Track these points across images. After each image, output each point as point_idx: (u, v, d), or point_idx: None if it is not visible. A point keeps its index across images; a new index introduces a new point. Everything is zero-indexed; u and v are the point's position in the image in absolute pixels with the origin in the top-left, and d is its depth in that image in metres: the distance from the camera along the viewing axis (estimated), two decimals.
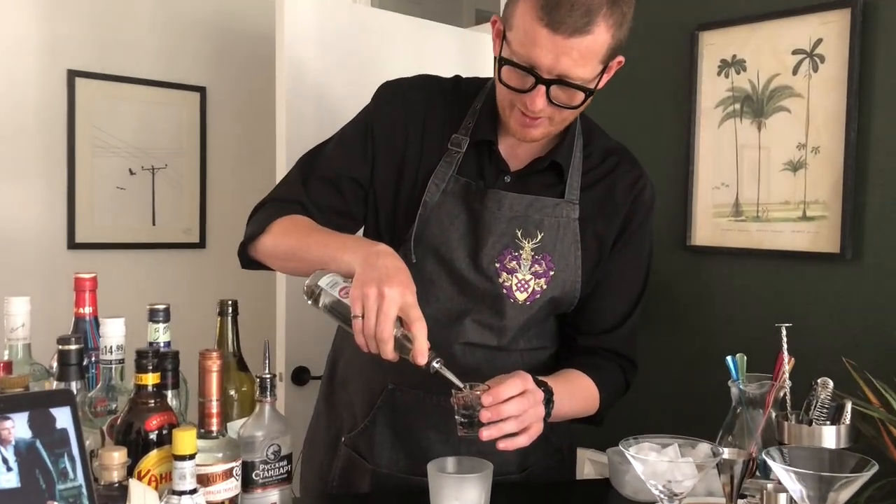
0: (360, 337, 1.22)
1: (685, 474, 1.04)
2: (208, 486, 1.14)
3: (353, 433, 1.54)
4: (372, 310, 1.19)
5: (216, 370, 1.17)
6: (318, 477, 1.60)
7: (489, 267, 1.43)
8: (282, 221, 1.42)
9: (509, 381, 1.21)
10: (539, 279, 1.44)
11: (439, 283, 1.44)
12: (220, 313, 1.33)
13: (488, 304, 1.44)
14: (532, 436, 1.22)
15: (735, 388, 1.32)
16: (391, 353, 1.20)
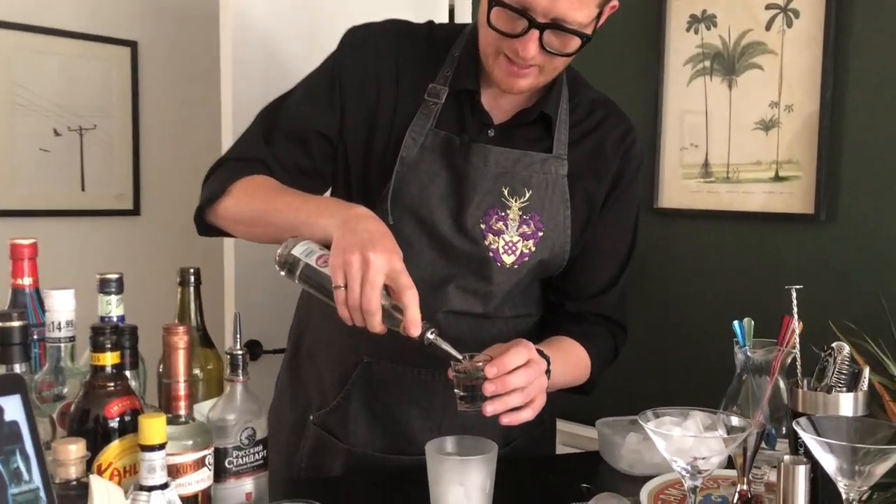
0: (343, 309, 1.10)
1: (712, 450, 0.96)
2: (178, 478, 1.01)
3: (323, 411, 1.42)
4: (356, 279, 1.07)
5: (184, 347, 1.03)
6: (284, 460, 1.48)
7: (474, 228, 1.32)
8: (243, 182, 1.29)
9: (513, 350, 1.11)
10: (527, 241, 1.34)
11: (419, 248, 1.33)
12: (182, 283, 1.18)
13: (473, 269, 1.34)
14: (536, 409, 1.13)
15: (741, 354, 1.25)
16: (379, 326, 1.08)
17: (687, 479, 0.99)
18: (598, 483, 1.31)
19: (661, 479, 1.30)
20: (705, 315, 2.13)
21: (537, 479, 1.37)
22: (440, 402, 1.37)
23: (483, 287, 1.34)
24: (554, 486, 1.34)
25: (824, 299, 1.88)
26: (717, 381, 1.27)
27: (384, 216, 1.30)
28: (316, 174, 1.37)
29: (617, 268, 1.44)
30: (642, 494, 1.23)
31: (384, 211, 1.31)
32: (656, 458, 1.34)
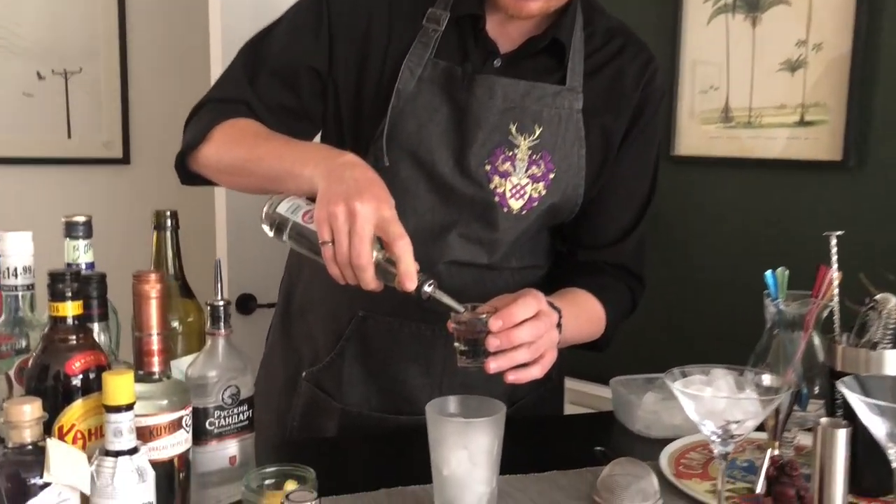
0: (332, 266, 0.99)
1: (747, 412, 0.86)
2: (152, 442, 0.91)
3: (316, 368, 1.32)
4: (343, 231, 0.96)
5: (156, 296, 0.92)
6: (276, 420, 1.38)
7: (478, 170, 1.20)
8: (225, 127, 1.18)
9: (521, 300, 1.00)
10: (537, 183, 1.22)
11: (417, 192, 1.21)
12: (157, 227, 1.08)
13: (477, 215, 1.22)
14: (546, 366, 1.03)
15: (773, 307, 1.14)
16: (373, 282, 0.98)
17: (717, 444, 0.89)
18: (613, 446, 1.21)
19: (682, 442, 1.20)
20: (724, 268, 2.01)
21: (548, 442, 1.27)
22: (440, 359, 1.27)
23: (488, 235, 1.23)
24: (566, 449, 1.24)
25: (852, 251, 1.77)
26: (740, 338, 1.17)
27: (378, 157, 1.19)
28: (304, 116, 1.26)
29: (635, 213, 1.32)
30: (662, 459, 1.13)
31: (379, 150, 1.19)
32: (675, 419, 1.25)
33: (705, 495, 1.04)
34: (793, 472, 0.98)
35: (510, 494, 1.05)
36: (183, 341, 1.09)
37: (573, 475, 1.11)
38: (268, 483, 1.01)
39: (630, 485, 1.01)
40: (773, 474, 0.99)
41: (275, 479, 1.01)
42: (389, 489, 1.05)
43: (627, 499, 1.00)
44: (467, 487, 0.92)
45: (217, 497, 1.01)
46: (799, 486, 0.98)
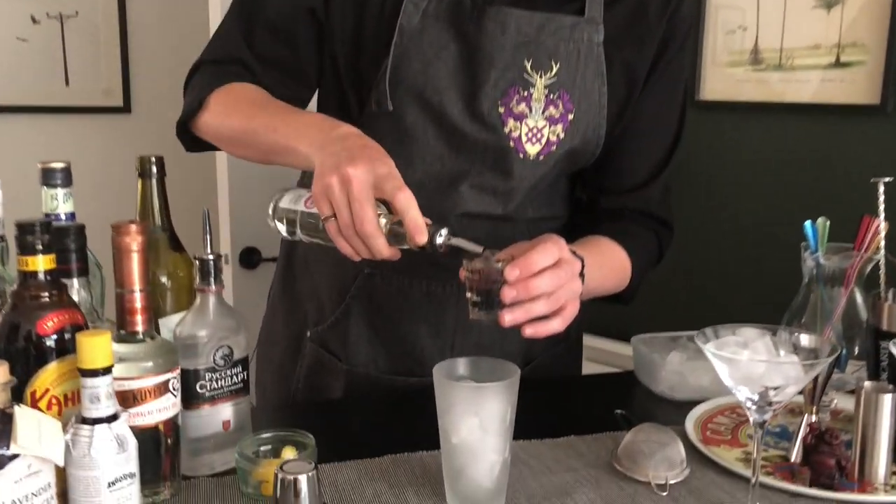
0: (341, 241, 0.91)
1: (788, 377, 0.77)
2: (136, 407, 0.84)
3: (321, 327, 1.24)
4: (341, 201, 0.88)
5: (137, 249, 0.84)
6: (279, 381, 1.31)
7: (491, 112, 1.10)
8: (219, 95, 1.11)
9: (540, 247, 0.91)
10: (555, 125, 1.12)
11: (424, 139, 1.12)
12: (142, 174, 0.99)
13: (490, 163, 1.13)
14: (567, 318, 0.94)
15: (812, 260, 1.05)
16: (386, 248, 0.90)
17: (753, 412, 0.81)
18: (634, 408, 1.14)
19: (709, 405, 1.12)
20: (752, 220, 1.92)
21: (564, 404, 1.20)
22: (452, 318, 1.19)
23: (502, 184, 1.14)
24: (584, 412, 1.16)
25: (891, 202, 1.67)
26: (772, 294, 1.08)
27: (381, 102, 1.09)
28: (301, 73, 1.17)
29: (662, 155, 1.22)
30: (688, 424, 1.06)
31: (381, 94, 1.09)
32: (702, 380, 1.17)
33: (735, 464, 0.96)
34: (833, 441, 0.90)
35: (524, 462, 0.98)
36: (172, 297, 1.01)
37: (592, 441, 1.04)
38: (264, 449, 0.94)
39: (654, 452, 0.94)
40: (810, 443, 0.91)
41: (271, 445, 0.94)
42: (395, 455, 0.98)
43: (651, 467, 0.93)
44: (478, 456, 0.84)
45: (210, 464, 0.94)
46: (839, 455, 0.90)
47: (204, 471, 0.94)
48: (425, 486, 0.91)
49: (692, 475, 0.94)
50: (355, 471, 0.95)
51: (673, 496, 0.90)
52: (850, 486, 0.90)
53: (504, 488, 0.88)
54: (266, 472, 0.87)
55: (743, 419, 1.08)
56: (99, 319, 0.92)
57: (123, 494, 0.76)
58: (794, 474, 0.93)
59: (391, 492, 0.90)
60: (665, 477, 0.92)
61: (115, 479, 0.75)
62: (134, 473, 0.77)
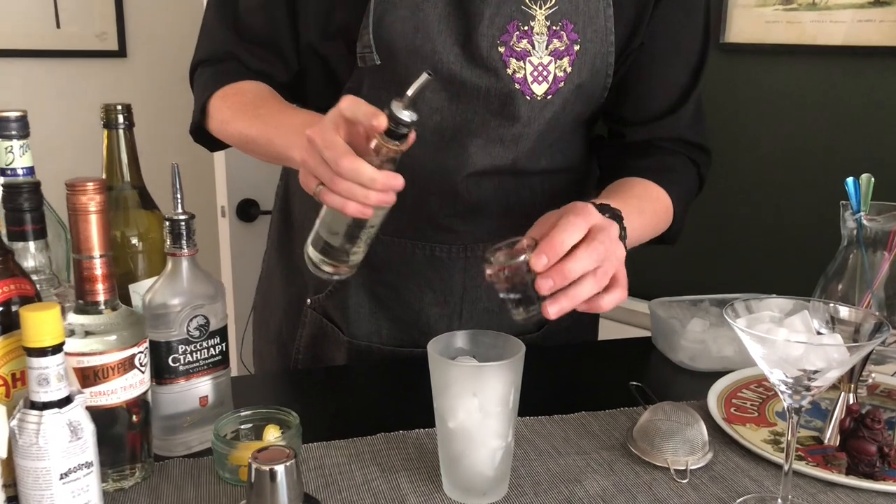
0: (337, 199, 0.79)
1: (831, 361, 0.68)
2: (97, 385, 0.76)
3: (322, 295, 1.15)
4: (316, 160, 0.78)
5: (96, 210, 0.75)
6: (278, 349, 1.23)
7: (491, 53, 0.99)
8: (216, 101, 1.07)
9: (563, 222, 0.80)
10: (560, 60, 1.00)
11: None
12: (107, 125, 0.89)
13: (495, 109, 1.02)
14: (623, 287, 0.83)
15: (852, 221, 0.94)
16: (375, 172, 0.77)
17: (787, 396, 0.72)
18: (651, 380, 1.05)
19: (733, 378, 1.03)
20: (782, 175, 1.80)
21: (576, 375, 1.11)
22: (459, 284, 1.10)
23: (509, 130, 1.03)
24: (596, 383, 1.08)
25: None
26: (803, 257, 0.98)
27: (366, 57, 0.98)
28: (286, 56, 1.09)
29: (688, 73, 1.09)
30: (710, 399, 0.97)
31: (366, 48, 0.98)
32: (725, 350, 1.08)
33: (762, 446, 0.87)
34: (875, 425, 0.80)
35: (530, 441, 0.89)
36: (144, 261, 0.93)
37: (605, 417, 0.95)
38: (245, 428, 0.86)
39: (674, 434, 0.85)
40: (849, 426, 0.82)
41: (253, 423, 0.86)
42: (389, 434, 0.90)
43: (670, 451, 0.84)
44: (477, 442, 0.76)
45: (187, 443, 0.87)
46: (882, 441, 0.80)
47: (179, 450, 0.86)
48: (420, 470, 0.83)
49: (715, 459, 0.86)
50: (345, 452, 0.86)
51: (693, 484, 0.81)
52: (893, 475, 0.81)
53: (507, 475, 0.79)
54: (244, 455, 0.79)
55: (771, 394, 0.99)
56: (59, 286, 0.83)
57: (79, 486, 0.68)
58: (829, 460, 0.84)
59: (382, 477, 0.82)
60: (685, 462, 0.83)
61: (69, 469, 0.67)
62: (91, 463, 0.69)
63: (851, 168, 1.02)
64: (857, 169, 0.99)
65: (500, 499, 0.78)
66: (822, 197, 1.02)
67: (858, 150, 1.67)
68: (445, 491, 0.79)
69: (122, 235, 0.92)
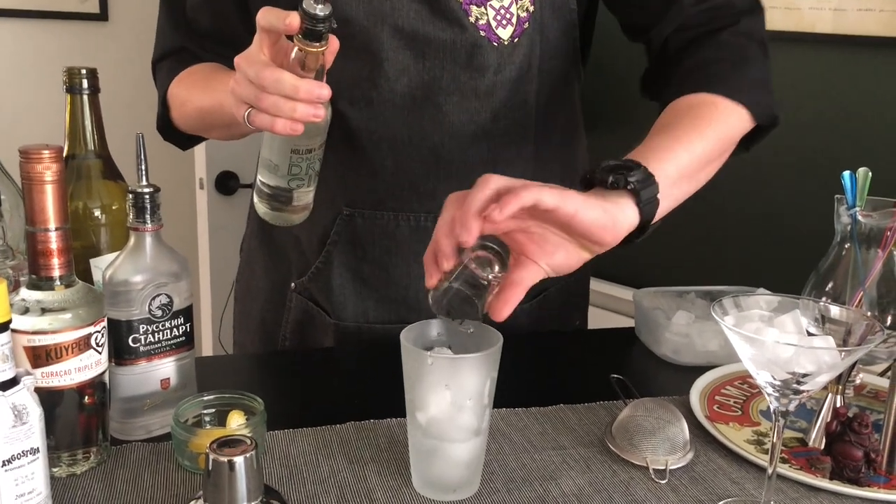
0: (266, 119, 0.75)
1: (821, 364, 0.64)
2: (50, 366, 0.72)
3: (305, 277, 1.11)
4: (242, 81, 0.77)
5: (52, 180, 0.70)
6: (261, 336, 1.19)
7: (450, 4, 0.95)
8: (173, 88, 1.06)
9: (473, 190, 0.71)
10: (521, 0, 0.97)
11: (384, 53, 0.96)
12: (70, 89, 0.85)
13: (463, 62, 0.97)
14: None
15: (847, 216, 0.91)
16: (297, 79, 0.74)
17: (773, 400, 0.68)
18: (633, 373, 1.01)
19: (717, 374, 1.00)
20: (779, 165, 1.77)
21: (556, 363, 1.08)
22: None
23: (481, 82, 0.98)
24: (576, 374, 1.05)
25: None
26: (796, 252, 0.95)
27: None
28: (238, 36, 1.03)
29: None
30: (693, 396, 0.94)
31: None
32: (710, 344, 1.05)
33: (745, 446, 0.84)
34: (862, 430, 0.77)
35: (505, 435, 0.86)
36: (107, 234, 0.88)
37: (583, 411, 0.92)
38: (208, 413, 0.82)
39: (654, 432, 0.82)
40: (835, 430, 0.79)
41: (216, 409, 0.82)
42: (359, 423, 0.87)
43: (650, 449, 0.81)
44: (449, 436, 0.72)
45: (147, 427, 0.83)
46: (868, 446, 0.78)
47: (139, 434, 0.82)
48: (390, 462, 0.80)
49: (696, 459, 0.83)
50: (312, 441, 0.83)
51: (673, 485, 0.78)
52: (878, 481, 0.79)
53: (479, 472, 0.76)
54: (205, 442, 0.74)
55: (755, 391, 0.96)
56: (15, 259, 0.79)
57: (23, 474, 0.64)
58: (813, 464, 0.81)
59: (349, 469, 0.78)
60: (665, 462, 0.80)
61: (12, 456, 0.63)
62: (37, 449, 0.65)
63: (848, 161, 0.98)
64: (854, 162, 0.96)
65: (471, 495, 0.75)
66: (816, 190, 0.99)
67: (856, 143, 1.64)
68: (415, 486, 0.76)
69: (83, 207, 0.87)
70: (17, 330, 0.70)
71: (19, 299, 0.72)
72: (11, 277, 0.81)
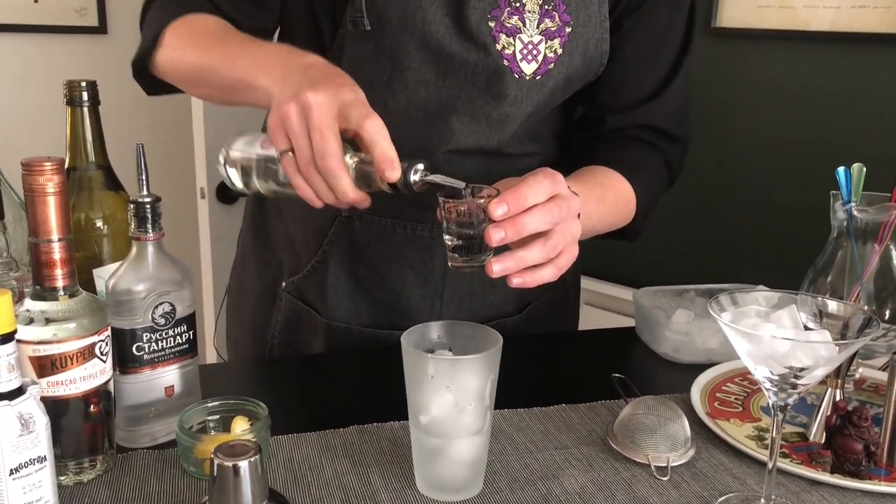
0: (300, 181, 0.78)
1: (818, 358, 0.65)
2: (55, 375, 0.72)
3: (298, 277, 1.12)
4: (300, 132, 0.75)
5: (54, 191, 0.71)
6: (252, 335, 1.20)
7: (480, 28, 0.96)
8: (175, 28, 0.98)
9: (530, 179, 0.77)
10: (551, 40, 0.98)
11: (407, 64, 0.98)
12: (70, 102, 0.86)
13: (483, 86, 0.99)
14: (562, 266, 0.79)
15: (843, 211, 0.92)
16: (352, 190, 0.77)
17: (772, 394, 0.69)
18: (634, 372, 1.02)
19: (718, 371, 1.01)
20: (773, 163, 1.78)
21: (557, 364, 1.08)
22: (441, 264, 1.07)
23: (496, 110, 1.00)
24: (577, 374, 1.05)
25: None
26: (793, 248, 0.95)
27: (357, 21, 0.95)
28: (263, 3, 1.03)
29: (670, 61, 1.07)
30: (693, 393, 0.94)
31: (357, 12, 0.95)
32: (710, 342, 1.05)
33: (746, 442, 0.85)
34: (862, 423, 0.78)
35: (508, 436, 0.87)
36: (110, 244, 0.89)
37: (585, 411, 0.93)
38: (212, 419, 0.83)
39: (656, 429, 0.83)
40: (835, 424, 0.80)
41: (220, 415, 0.83)
42: (362, 426, 0.87)
43: (651, 446, 0.82)
44: (451, 437, 0.73)
45: (152, 434, 0.84)
46: (868, 439, 0.78)
47: (144, 442, 0.83)
48: (393, 464, 0.80)
49: (697, 456, 0.83)
50: (315, 445, 0.84)
51: (674, 481, 0.79)
52: (878, 473, 0.79)
53: (481, 472, 0.77)
54: (209, 448, 0.75)
55: (755, 388, 0.97)
56: (18, 270, 0.80)
57: (30, 482, 0.65)
58: (814, 458, 0.82)
59: (353, 471, 0.79)
60: (666, 458, 0.81)
61: (19, 464, 0.64)
62: (44, 457, 0.66)
63: (843, 157, 0.99)
64: (849, 158, 0.96)
65: (475, 496, 0.76)
66: (812, 186, 1.00)
67: (850, 139, 1.65)
68: (418, 487, 0.76)
69: (86, 218, 0.88)
70: (22, 340, 0.70)
71: (24, 310, 0.72)
72: (16, 288, 0.82)
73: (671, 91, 1.07)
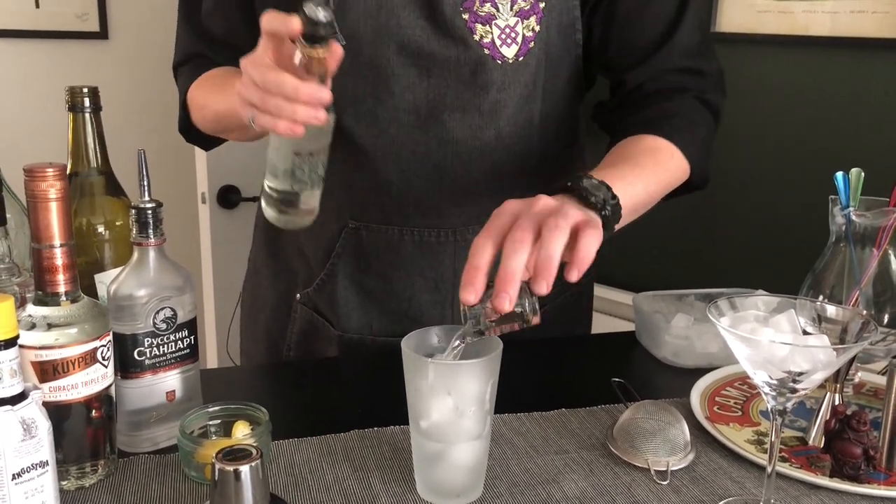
0: (268, 119, 0.76)
1: (817, 363, 0.65)
2: (57, 380, 0.73)
3: (311, 289, 1.12)
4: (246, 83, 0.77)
5: (56, 197, 0.72)
6: (267, 346, 1.20)
7: (455, 23, 0.96)
8: (192, 91, 1.09)
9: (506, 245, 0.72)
10: (527, 19, 0.98)
11: (389, 70, 0.98)
12: (72, 108, 0.86)
13: (467, 79, 0.99)
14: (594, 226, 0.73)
15: (841, 216, 0.92)
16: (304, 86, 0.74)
17: (771, 399, 0.69)
18: (634, 376, 1.02)
19: (717, 375, 1.01)
20: (774, 167, 1.78)
21: (557, 368, 1.09)
22: (450, 270, 1.07)
23: (486, 99, 1.00)
24: (577, 379, 1.06)
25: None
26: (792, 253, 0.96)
27: None
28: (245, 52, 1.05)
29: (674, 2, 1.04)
30: (693, 397, 0.94)
31: None
32: (710, 346, 1.06)
33: (745, 446, 0.85)
34: (861, 427, 0.78)
35: (508, 439, 0.87)
36: (111, 250, 0.89)
37: (585, 415, 0.93)
38: (213, 424, 0.83)
39: (655, 433, 0.83)
40: (834, 428, 0.80)
41: (221, 419, 0.83)
42: (363, 430, 0.87)
43: (651, 451, 0.82)
44: (451, 442, 0.73)
45: (153, 439, 0.84)
46: (867, 443, 0.78)
47: (145, 447, 0.83)
48: (394, 469, 0.81)
49: (697, 460, 0.83)
50: (316, 450, 0.84)
51: (674, 486, 0.79)
52: (877, 478, 0.79)
53: (481, 477, 0.77)
54: (211, 453, 0.76)
55: (755, 392, 0.97)
56: (21, 276, 0.80)
57: (33, 486, 0.65)
58: (813, 462, 0.82)
59: (354, 476, 0.79)
60: (666, 463, 0.81)
61: (22, 469, 0.64)
62: (46, 462, 0.66)
63: (842, 162, 0.99)
64: (848, 163, 0.97)
65: (475, 500, 0.76)
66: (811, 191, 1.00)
67: (849, 144, 1.65)
68: (419, 492, 0.77)
69: (87, 223, 0.89)
70: (24, 345, 0.71)
71: (26, 315, 0.73)
72: (18, 294, 0.82)
73: (682, 30, 1.04)
